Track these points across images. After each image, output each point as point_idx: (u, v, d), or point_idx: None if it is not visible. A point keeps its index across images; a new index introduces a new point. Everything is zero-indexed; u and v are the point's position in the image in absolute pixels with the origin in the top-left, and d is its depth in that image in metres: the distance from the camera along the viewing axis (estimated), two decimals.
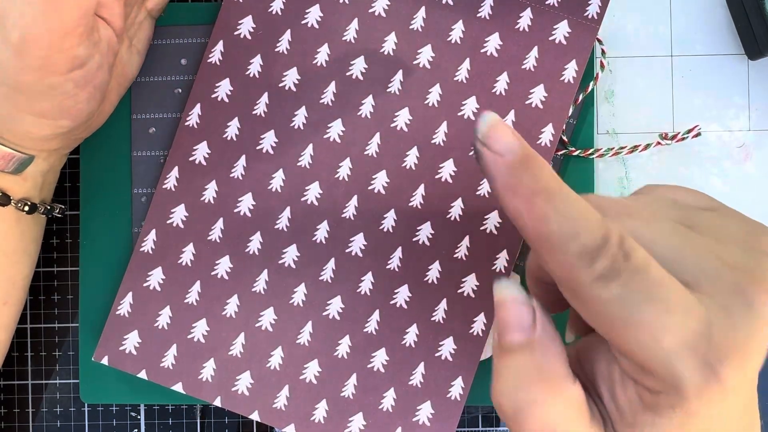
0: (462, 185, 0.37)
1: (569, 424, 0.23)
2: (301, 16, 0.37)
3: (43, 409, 0.40)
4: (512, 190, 0.21)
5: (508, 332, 0.23)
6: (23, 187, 0.35)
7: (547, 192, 0.21)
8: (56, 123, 0.33)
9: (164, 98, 0.39)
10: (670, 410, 0.22)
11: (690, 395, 0.21)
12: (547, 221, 0.21)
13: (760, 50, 0.37)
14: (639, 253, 0.21)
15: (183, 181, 0.38)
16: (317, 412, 0.37)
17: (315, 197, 0.37)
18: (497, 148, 0.21)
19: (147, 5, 0.37)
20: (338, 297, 0.37)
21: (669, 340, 0.21)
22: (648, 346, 0.21)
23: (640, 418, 0.23)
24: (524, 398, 0.23)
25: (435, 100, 0.37)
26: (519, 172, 0.21)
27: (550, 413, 0.23)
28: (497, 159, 0.21)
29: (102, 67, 0.33)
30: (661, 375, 0.22)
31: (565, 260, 0.21)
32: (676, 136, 0.38)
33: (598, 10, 0.36)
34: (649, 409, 0.22)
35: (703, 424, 0.22)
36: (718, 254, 0.22)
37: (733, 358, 0.21)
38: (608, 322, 0.22)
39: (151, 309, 0.37)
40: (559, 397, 0.23)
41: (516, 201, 0.21)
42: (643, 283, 0.21)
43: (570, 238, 0.21)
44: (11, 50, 0.30)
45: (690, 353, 0.21)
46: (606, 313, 0.21)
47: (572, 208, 0.21)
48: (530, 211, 0.21)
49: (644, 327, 0.21)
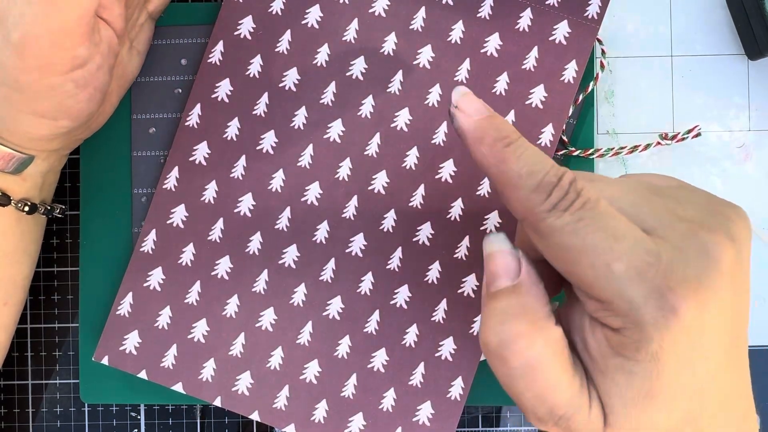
0: (462, 185, 0.37)
1: (550, 364, 0.24)
2: (301, 16, 0.37)
3: (43, 409, 0.40)
4: (479, 140, 0.25)
5: (496, 279, 0.26)
6: (23, 187, 0.35)
7: (507, 140, 0.25)
8: (56, 123, 0.33)
9: (164, 98, 0.39)
10: (635, 351, 0.23)
11: (649, 329, 0.23)
12: (506, 162, 0.25)
13: (760, 50, 0.37)
14: (590, 191, 0.24)
15: (183, 181, 0.38)
16: (317, 412, 0.37)
17: (315, 197, 0.37)
18: (467, 109, 0.26)
19: (148, 7, 0.37)
20: (338, 297, 0.37)
21: (618, 265, 0.23)
22: (601, 273, 0.23)
23: (610, 362, 0.24)
24: (509, 332, 0.24)
25: (435, 100, 0.37)
26: (483, 125, 0.26)
27: (532, 348, 0.24)
28: (467, 118, 0.26)
29: (102, 67, 0.33)
30: (618, 306, 0.23)
31: (523, 195, 0.24)
32: (676, 136, 0.38)
33: (598, 10, 0.36)
34: (617, 353, 0.24)
35: (673, 372, 0.23)
36: (675, 210, 0.25)
37: (686, 290, 0.23)
38: (564, 253, 0.24)
39: (151, 309, 0.37)
40: (540, 334, 0.25)
41: (482, 148, 0.25)
42: (593, 213, 0.24)
43: (526, 176, 0.24)
44: (12, 50, 0.30)
45: (641, 280, 0.23)
46: (561, 244, 0.24)
47: (527, 152, 0.25)
48: (492, 155, 0.25)
49: (596, 252, 0.23)
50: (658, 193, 0.26)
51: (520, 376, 0.24)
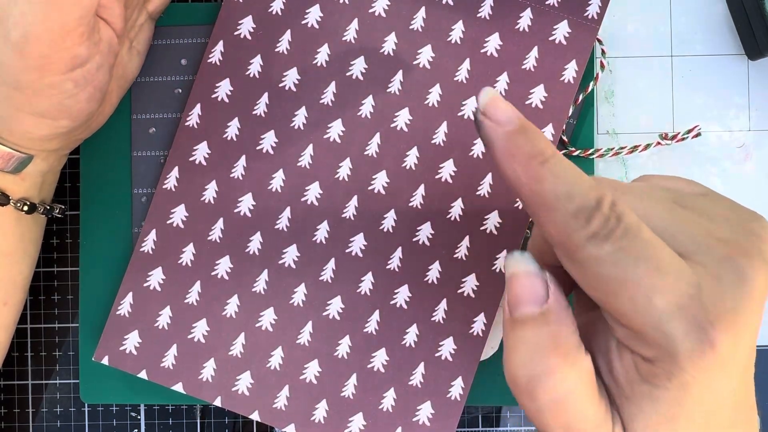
0: (462, 185, 0.37)
1: (580, 395, 0.23)
2: (301, 16, 0.37)
3: (43, 409, 0.40)
4: (510, 155, 0.23)
5: (522, 305, 0.23)
6: (22, 186, 0.35)
7: (543, 155, 0.22)
8: (56, 123, 0.33)
9: (164, 98, 0.39)
10: (666, 380, 0.22)
11: (684, 361, 0.22)
12: (542, 182, 0.22)
13: (760, 50, 0.37)
14: (630, 215, 0.22)
15: (183, 181, 0.38)
16: (317, 412, 0.37)
17: (315, 197, 0.37)
18: (497, 117, 0.23)
19: (148, 7, 0.37)
20: (338, 297, 0.37)
21: (660, 300, 0.21)
22: (640, 306, 0.22)
23: (637, 389, 0.23)
24: (540, 368, 0.23)
25: (435, 100, 0.37)
26: (516, 138, 0.23)
27: (564, 383, 0.23)
28: (496, 128, 0.23)
29: (102, 67, 0.33)
30: (654, 338, 0.22)
31: (560, 220, 0.22)
32: (676, 136, 0.38)
33: (598, 10, 0.37)
34: (646, 381, 0.23)
35: (698, 398, 0.23)
36: (709, 230, 0.23)
37: (724, 323, 0.22)
38: (602, 284, 0.22)
39: (151, 309, 0.37)
40: (573, 368, 0.23)
41: (514, 165, 0.22)
42: (635, 243, 0.22)
43: (564, 198, 0.22)
44: (12, 49, 0.30)
45: (682, 315, 0.22)
46: (600, 274, 0.22)
47: (566, 171, 0.22)
48: (527, 174, 0.22)
49: (636, 286, 0.22)
50: (685, 204, 0.24)
51: (550, 410, 0.23)
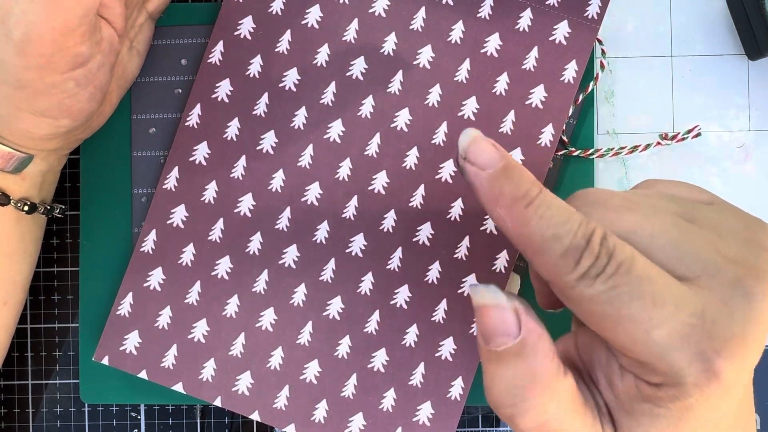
0: (462, 185, 0.37)
1: (564, 417, 0.23)
2: (301, 16, 0.38)
3: (43, 409, 0.40)
4: (494, 199, 0.22)
5: (494, 339, 0.23)
6: (22, 186, 0.35)
7: (527, 198, 0.22)
8: (56, 122, 0.33)
9: (164, 98, 0.39)
10: (669, 402, 0.22)
11: (690, 388, 0.22)
12: (528, 225, 0.22)
13: (760, 50, 0.37)
14: (623, 249, 0.22)
15: (183, 181, 0.38)
16: (317, 412, 0.37)
17: (315, 197, 0.37)
18: (478, 161, 0.23)
19: (148, 7, 0.37)
20: (338, 297, 0.37)
21: (659, 333, 0.21)
22: (640, 340, 0.22)
23: (638, 406, 0.23)
24: (520, 403, 0.23)
25: (435, 100, 0.37)
26: (499, 182, 0.22)
27: (545, 413, 0.23)
28: (479, 172, 0.23)
29: (103, 66, 0.33)
30: (659, 368, 0.22)
31: (549, 262, 0.22)
32: (676, 136, 0.38)
33: (598, 10, 0.37)
34: (647, 401, 0.23)
35: (700, 418, 0.22)
36: (718, 248, 0.23)
37: (731, 350, 0.21)
38: (599, 321, 0.22)
39: (151, 309, 0.37)
40: (552, 396, 0.23)
41: (499, 209, 0.22)
42: (628, 278, 0.21)
43: (551, 240, 0.22)
44: (13, 48, 0.30)
45: (684, 344, 0.21)
46: (595, 312, 0.22)
47: (552, 211, 0.22)
48: (512, 218, 0.22)
49: (634, 322, 0.21)
50: (692, 218, 0.24)
51: None
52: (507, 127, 0.37)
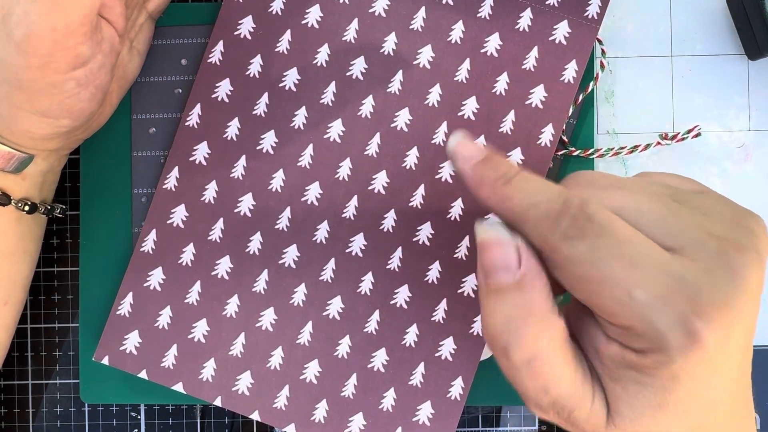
0: (462, 185, 0.37)
1: (554, 356, 0.24)
2: (301, 16, 0.38)
3: (43, 409, 0.40)
4: (479, 183, 0.25)
5: (495, 273, 0.24)
6: (22, 186, 0.35)
7: (506, 177, 0.25)
8: (57, 122, 0.33)
9: (164, 98, 0.39)
10: (654, 369, 0.23)
11: (673, 352, 0.22)
12: (510, 199, 0.24)
13: (760, 50, 0.37)
14: (602, 214, 0.23)
15: (183, 181, 0.38)
16: (317, 412, 0.37)
17: (315, 197, 0.37)
18: (463, 154, 0.26)
19: (148, 7, 0.37)
20: (338, 297, 0.37)
21: (640, 293, 0.22)
22: (623, 302, 0.22)
23: (624, 373, 0.24)
24: (514, 333, 0.24)
25: (435, 100, 0.37)
26: (481, 167, 0.26)
27: (537, 345, 0.24)
28: (465, 163, 0.26)
29: (104, 66, 0.33)
30: (643, 330, 0.22)
31: (533, 228, 0.24)
32: (676, 136, 0.38)
33: (598, 10, 0.37)
34: (633, 368, 0.23)
35: (690, 391, 0.23)
36: (703, 225, 0.24)
37: (711, 314, 0.22)
38: (584, 284, 0.23)
39: (151, 309, 0.37)
40: (546, 330, 0.24)
41: (484, 190, 0.25)
42: (608, 240, 0.23)
43: (532, 207, 0.24)
44: (14, 48, 0.30)
45: (666, 306, 0.22)
46: (579, 274, 0.23)
47: (530, 184, 0.25)
48: (495, 195, 0.25)
49: (615, 283, 0.22)
50: (682, 200, 0.25)
51: (525, 369, 0.24)
52: (507, 127, 0.37)
